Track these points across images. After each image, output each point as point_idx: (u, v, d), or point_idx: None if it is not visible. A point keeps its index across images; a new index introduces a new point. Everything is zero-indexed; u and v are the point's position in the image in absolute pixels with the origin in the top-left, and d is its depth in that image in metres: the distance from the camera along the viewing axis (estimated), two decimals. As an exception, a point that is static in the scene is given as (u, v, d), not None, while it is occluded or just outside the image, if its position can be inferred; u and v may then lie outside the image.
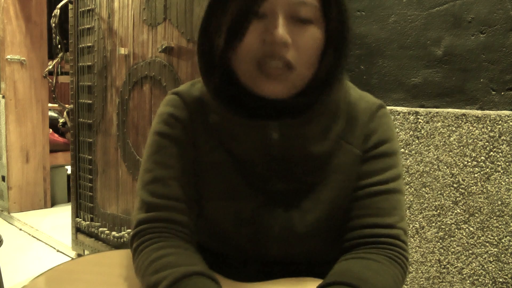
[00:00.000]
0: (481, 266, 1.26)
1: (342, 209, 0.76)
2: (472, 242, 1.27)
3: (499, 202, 1.22)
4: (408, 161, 1.37)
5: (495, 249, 1.23)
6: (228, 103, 0.71)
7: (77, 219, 2.62)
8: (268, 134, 0.71)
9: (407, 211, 1.38)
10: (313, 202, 0.75)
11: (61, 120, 2.73)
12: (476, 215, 1.26)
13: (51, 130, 3.90)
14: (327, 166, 0.75)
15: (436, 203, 1.32)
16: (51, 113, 3.91)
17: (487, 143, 1.23)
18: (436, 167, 1.32)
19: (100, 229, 2.44)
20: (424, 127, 1.34)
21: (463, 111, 1.27)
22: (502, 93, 1.23)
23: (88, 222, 2.54)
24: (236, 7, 0.66)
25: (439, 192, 1.32)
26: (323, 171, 0.75)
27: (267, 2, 0.65)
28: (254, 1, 0.65)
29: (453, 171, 1.29)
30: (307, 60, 0.68)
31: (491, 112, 1.23)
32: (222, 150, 0.76)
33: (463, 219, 1.28)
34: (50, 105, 3.79)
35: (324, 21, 0.68)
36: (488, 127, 1.23)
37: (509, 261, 1.22)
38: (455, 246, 1.30)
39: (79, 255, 2.62)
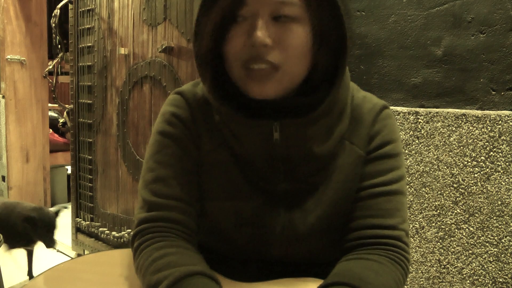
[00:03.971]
0: (481, 266, 1.26)
1: (344, 210, 0.76)
2: (472, 242, 1.27)
3: (499, 202, 1.22)
4: (408, 161, 1.37)
5: (495, 249, 1.23)
6: (229, 103, 0.72)
7: (77, 219, 2.62)
8: (269, 134, 0.71)
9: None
10: (315, 202, 0.75)
11: (61, 120, 2.73)
12: (476, 215, 1.26)
13: (51, 130, 3.90)
14: (330, 166, 0.75)
15: (436, 203, 1.33)
16: (51, 113, 3.91)
17: (487, 143, 1.23)
18: (436, 167, 1.32)
19: (100, 229, 2.44)
20: (424, 127, 1.34)
21: (463, 111, 1.27)
22: (502, 93, 1.23)
23: (88, 222, 2.54)
24: (218, 11, 0.67)
25: (439, 192, 1.32)
26: (326, 171, 0.75)
27: (247, 5, 0.66)
28: (235, 5, 0.66)
29: (453, 171, 1.29)
30: (294, 59, 0.68)
31: (491, 112, 1.23)
32: (225, 149, 0.76)
33: (463, 219, 1.28)
34: (50, 105, 3.79)
35: (310, 18, 0.68)
36: (488, 127, 1.23)
37: (509, 261, 1.22)
38: (455, 246, 1.30)
39: (79, 255, 2.62)
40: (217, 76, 0.73)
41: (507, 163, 1.20)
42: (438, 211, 1.32)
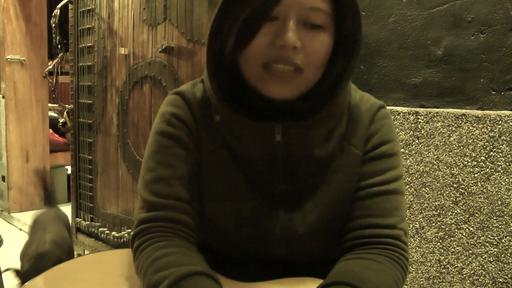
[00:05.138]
0: (481, 266, 1.26)
1: (343, 210, 0.76)
2: (472, 242, 1.27)
3: (499, 202, 1.22)
4: (408, 161, 1.37)
5: (495, 249, 1.24)
6: (233, 104, 0.72)
7: (77, 219, 2.62)
8: (271, 135, 0.71)
9: (407, 211, 1.38)
10: (314, 202, 0.75)
11: (61, 120, 2.73)
12: (476, 215, 1.26)
13: (51, 130, 3.90)
14: (329, 167, 0.75)
15: (436, 203, 1.33)
16: (51, 113, 3.91)
17: (487, 143, 1.23)
18: (436, 167, 1.32)
19: (100, 229, 2.44)
20: (424, 127, 1.34)
21: (463, 111, 1.27)
22: (502, 93, 1.23)
23: (88, 222, 2.54)
24: (249, 8, 0.67)
25: (439, 192, 1.32)
26: (325, 172, 0.75)
27: (280, 6, 0.66)
28: (268, 4, 0.66)
29: (453, 171, 1.29)
30: (315, 65, 0.69)
31: (491, 112, 1.23)
32: (225, 150, 0.76)
33: (463, 219, 1.28)
34: (50, 105, 3.79)
35: (334, 27, 0.69)
36: (488, 127, 1.23)
37: (509, 261, 1.22)
38: (455, 246, 1.30)
39: (79, 255, 2.62)
40: (229, 76, 0.73)
41: (507, 163, 1.21)
42: (438, 211, 1.32)
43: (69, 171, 2.84)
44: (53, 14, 2.48)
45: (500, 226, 1.23)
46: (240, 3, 0.67)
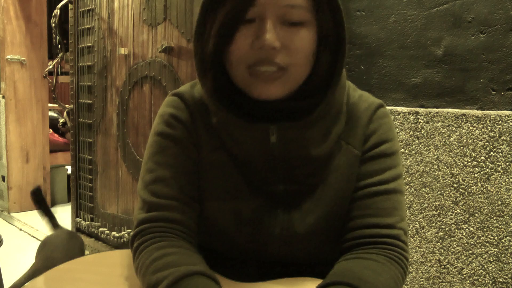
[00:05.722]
0: (481, 266, 1.26)
1: (342, 210, 0.76)
2: (472, 242, 1.27)
3: (499, 202, 1.22)
4: (408, 161, 1.37)
5: (495, 249, 1.24)
6: (227, 105, 0.72)
7: (77, 219, 2.62)
8: (266, 137, 0.71)
9: (407, 211, 1.38)
10: (313, 202, 0.75)
11: (61, 120, 2.73)
12: (476, 215, 1.26)
13: (51, 130, 3.90)
14: (327, 167, 0.75)
15: (436, 203, 1.33)
16: (51, 113, 3.91)
17: (487, 143, 1.23)
18: (436, 167, 1.32)
19: (100, 229, 2.44)
20: (424, 127, 1.34)
21: (463, 111, 1.27)
22: (502, 93, 1.23)
23: (88, 222, 2.54)
24: (224, 12, 0.66)
25: (439, 192, 1.32)
26: (323, 172, 0.75)
27: (255, 7, 0.65)
28: (242, 6, 0.65)
29: (453, 171, 1.29)
30: (300, 62, 0.68)
31: (491, 112, 1.23)
32: (223, 150, 0.76)
33: (463, 219, 1.28)
34: (50, 105, 3.79)
35: (316, 21, 0.68)
36: (488, 127, 1.23)
37: (509, 261, 1.22)
38: (455, 246, 1.30)
39: (79, 255, 2.62)
40: (215, 78, 0.73)
41: (507, 163, 1.21)
42: (438, 211, 1.32)
43: (69, 171, 2.84)
44: (53, 14, 2.48)
45: (500, 226, 1.23)
46: (216, 6, 0.67)
